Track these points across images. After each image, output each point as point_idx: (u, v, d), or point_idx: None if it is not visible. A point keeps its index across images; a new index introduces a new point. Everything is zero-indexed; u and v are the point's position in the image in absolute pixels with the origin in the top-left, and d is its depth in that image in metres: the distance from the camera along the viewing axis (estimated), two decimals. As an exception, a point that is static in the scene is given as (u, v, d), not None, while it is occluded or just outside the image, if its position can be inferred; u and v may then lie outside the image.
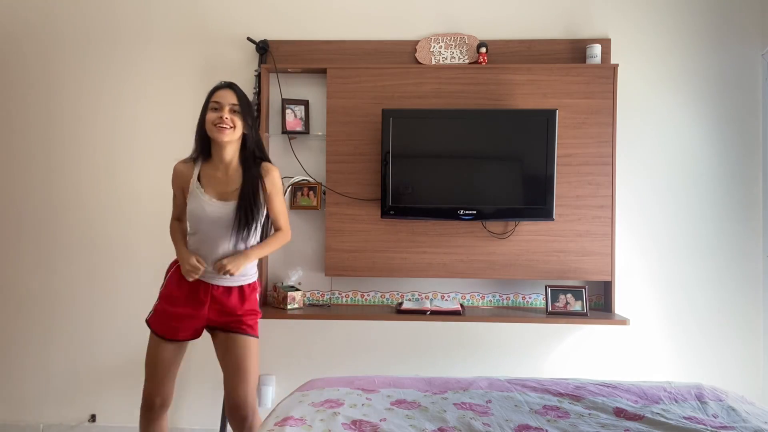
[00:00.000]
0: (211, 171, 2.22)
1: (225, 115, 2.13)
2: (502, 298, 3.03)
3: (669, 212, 3.00)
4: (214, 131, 2.14)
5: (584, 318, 2.80)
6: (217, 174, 2.21)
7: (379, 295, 3.06)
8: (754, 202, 2.98)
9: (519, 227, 2.88)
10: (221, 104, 2.14)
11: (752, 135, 2.98)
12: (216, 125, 2.13)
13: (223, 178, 2.21)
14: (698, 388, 1.99)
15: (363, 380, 2.05)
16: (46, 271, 3.10)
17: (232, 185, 2.20)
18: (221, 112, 2.13)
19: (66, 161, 3.10)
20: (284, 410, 1.77)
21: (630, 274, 3.00)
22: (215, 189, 2.20)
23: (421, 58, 2.98)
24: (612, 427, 1.69)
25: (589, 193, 2.86)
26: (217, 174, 2.21)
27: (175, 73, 3.08)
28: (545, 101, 2.86)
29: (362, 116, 2.91)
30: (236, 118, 2.15)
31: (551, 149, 2.75)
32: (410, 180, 2.82)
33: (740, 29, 2.98)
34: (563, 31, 3.01)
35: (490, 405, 1.85)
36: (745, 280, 2.98)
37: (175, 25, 3.08)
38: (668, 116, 2.99)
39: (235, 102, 2.16)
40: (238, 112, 2.16)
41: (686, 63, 2.99)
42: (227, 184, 2.20)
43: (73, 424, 3.08)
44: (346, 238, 2.92)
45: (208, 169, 2.22)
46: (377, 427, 1.63)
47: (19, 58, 3.12)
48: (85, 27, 3.10)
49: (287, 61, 3.00)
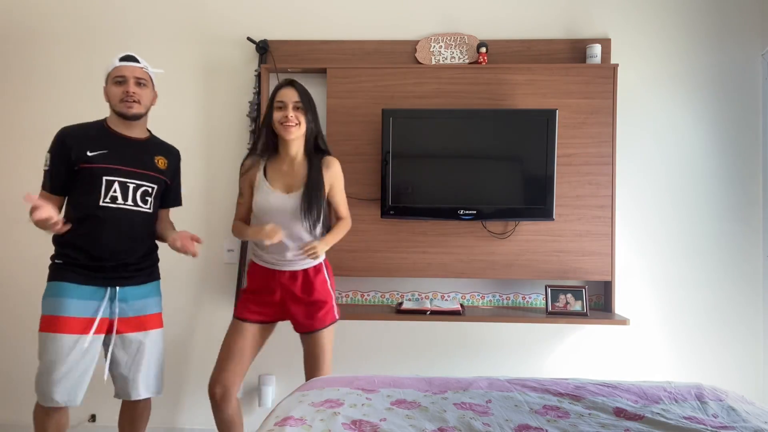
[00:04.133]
0: (277, 165, 2.36)
1: (290, 114, 2.25)
2: (502, 298, 3.03)
3: (669, 212, 3.00)
4: (281, 129, 2.28)
5: (584, 318, 2.80)
6: (283, 167, 2.35)
7: (379, 295, 3.06)
8: (754, 202, 2.98)
9: (519, 227, 2.88)
10: (285, 103, 2.27)
11: (752, 135, 2.98)
12: (282, 124, 2.26)
13: (289, 171, 2.34)
14: (698, 388, 1.98)
15: (363, 380, 2.05)
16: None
17: (297, 177, 2.32)
18: (286, 111, 2.25)
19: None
20: (284, 410, 1.76)
21: (630, 274, 3.00)
22: (281, 181, 2.33)
23: (421, 58, 2.98)
24: (612, 427, 1.69)
25: (589, 193, 2.86)
26: (283, 167, 2.35)
27: (175, 72, 3.08)
28: (545, 101, 2.86)
29: (362, 116, 2.91)
30: (300, 114, 2.28)
31: (551, 149, 2.75)
32: (410, 180, 2.82)
33: (740, 29, 2.98)
34: (563, 31, 3.01)
35: (490, 405, 1.85)
36: (745, 280, 2.98)
37: (175, 25, 3.08)
38: (668, 116, 3.00)
39: (297, 100, 2.28)
40: (301, 109, 2.28)
41: (686, 63, 2.99)
42: (292, 176, 2.33)
43: (73, 424, 3.07)
44: (346, 238, 2.91)
45: (274, 164, 2.36)
46: (377, 427, 1.63)
47: (19, 59, 3.12)
48: (85, 27, 3.10)
49: (287, 61, 3.00)
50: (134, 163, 2.26)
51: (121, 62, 2.26)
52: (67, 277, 2.21)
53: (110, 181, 2.20)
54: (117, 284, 2.25)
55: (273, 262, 2.36)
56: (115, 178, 2.21)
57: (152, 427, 3.01)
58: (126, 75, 2.24)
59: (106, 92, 2.29)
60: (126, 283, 2.27)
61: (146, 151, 2.33)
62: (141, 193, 2.27)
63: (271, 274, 2.36)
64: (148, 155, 2.32)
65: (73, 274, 2.21)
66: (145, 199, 2.29)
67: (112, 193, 2.21)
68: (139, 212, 2.27)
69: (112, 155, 2.23)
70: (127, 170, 2.24)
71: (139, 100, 2.25)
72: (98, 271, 2.22)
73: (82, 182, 2.21)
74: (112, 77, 2.26)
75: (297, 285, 2.36)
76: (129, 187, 2.24)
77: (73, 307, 2.17)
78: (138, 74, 2.27)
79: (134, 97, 2.23)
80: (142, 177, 2.28)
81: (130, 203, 2.24)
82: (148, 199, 2.30)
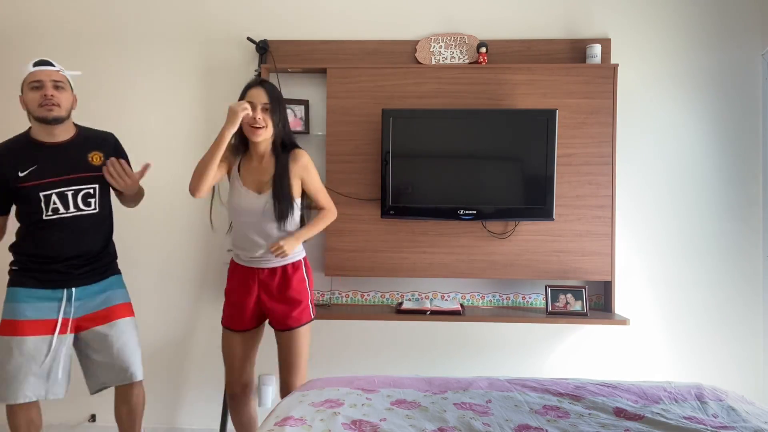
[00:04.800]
0: (248, 162, 2.37)
1: (258, 116, 2.24)
2: (502, 298, 3.03)
3: (669, 212, 3.00)
4: (248, 131, 2.28)
5: (584, 318, 2.80)
6: (252, 164, 2.36)
7: (379, 295, 3.06)
8: (754, 202, 2.98)
9: (519, 227, 2.88)
10: (254, 104, 2.25)
11: (752, 135, 2.98)
12: (250, 125, 2.26)
13: (259, 167, 2.35)
14: (698, 388, 1.99)
15: (363, 380, 2.05)
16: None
17: (266, 175, 2.33)
18: (254, 113, 2.24)
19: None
20: (284, 410, 1.77)
21: (630, 274, 3.00)
22: (252, 179, 2.34)
23: (421, 58, 2.98)
24: (612, 427, 1.69)
25: (589, 193, 2.86)
26: (252, 164, 2.36)
27: (175, 72, 3.08)
28: (545, 101, 2.86)
29: (362, 116, 2.91)
30: (267, 117, 2.27)
31: (551, 149, 2.75)
32: (410, 180, 2.82)
33: (740, 29, 2.98)
34: (563, 31, 3.01)
35: (490, 405, 1.85)
36: (745, 280, 2.98)
37: (175, 25, 3.08)
38: (668, 116, 3.00)
39: (266, 101, 2.27)
40: (269, 111, 2.27)
41: (686, 63, 2.99)
42: (262, 173, 2.34)
43: (73, 424, 3.08)
44: (346, 238, 2.92)
45: (246, 161, 2.37)
46: (377, 427, 1.63)
47: (19, 59, 3.11)
48: (85, 27, 3.09)
49: (287, 61, 3.00)
50: (67, 170, 2.24)
51: (35, 67, 2.23)
52: (24, 282, 2.25)
53: (47, 195, 2.21)
54: (73, 285, 2.28)
55: (248, 260, 2.37)
56: (51, 191, 2.21)
57: (152, 427, 3.02)
58: (42, 79, 2.21)
59: (22, 100, 2.26)
60: (81, 283, 2.30)
61: (77, 151, 2.30)
62: (82, 196, 2.27)
63: (250, 273, 2.37)
64: (80, 155, 2.30)
65: (30, 279, 2.25)
66: (88, 201, 2.29)
67: (53, 206, 2.22)
68: (84, 216, 2.28)
69: (42, 169, 2.22)
70: (62, 180, 2.23)
71: (58, 103, 2.22)
72: (52, 274, 2.25)
73: (22, 200, 2.24)
74: (27, 83, 2.23)
75: (275, 282, 2.36)
76: (68, 195, 2.24)
77: (31, 310, 2.22)
78: (55, 77, 2.24)
79: (53, 100, 2.20)
80: (78, 181, 2.26)
81: (73, 210, 2.25)
82: (91, 201, 2.30)
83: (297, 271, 2.40)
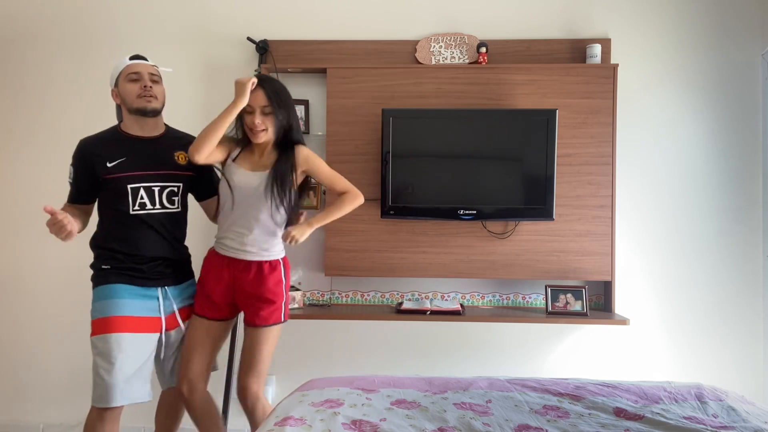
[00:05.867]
0: (247, 154, 2.30)
1: (257, 120, 2.19)
2: (502, 298, 3.03)
3: (669, 212, 3.00)
4: (250, 134, 2.23)
5: (584, 318, 2.80)
6: (254, 157, 2.30)
7: (379, 295, 3.06)
8: (754, 202, 2.98)
9: (519, 227, 2.88)
10: (254, 108, 2.20)
11: (752, 135, 2.98)
12: (251, 129, 2.21)
13: (260, 159, 2.29)
14: (698, 388, 1.99)
15: (363, 380, 2.05)
16: (46, 267, 3.10)
17: (266, 163, 2.27)
18: (254, 116, 2.19)
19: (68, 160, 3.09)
20: (284, 410, 1.77)
21: (630, 274, 3.00)
22: (248, 163, 2.27)
23: (421, 58, 2.98)
24: (612, 427, 1.69)
25: (589, 193, 2.86)
26: (254, 157, 2.30)
27: (175, 72, 3.06)
28: (545, 101, 2.86)
29: (362, 116, 2.91)
30: (268, 119, 2.21)
31: (551, 149, 2.75)
32: (410, 180, 2.82)
33: (740, 29, 2.98)
34: (563, 31, 3.01)
35: (490, 405, 1.85)
36: (745, 280, 2.98)
37: (176, 25, 3.08)
38: (668, 116, 3.00)
39: (265, 104, 2.19)
40: (270, 114, 2.21)
41: (686, 63, 2.99)
42: (262, 162, 2.28)
43: (73, 424, 3.07)
44: (346, 238, 2.92)
45: (245, 153, 2.31)
46: (377, 427, 1.64)
47: (20, 59, 3.12)
48: (85, 27, 3.09)
49: (287, 61, 3.00)
50: (155, 166, 2.25)
51: (132, 60, 2.27)
52: (118, 279, 2.21)
53: (135, 188, 2.21)
54: (164, 284, 2.28)
55: (225, 248, 2.29)
56: (139, 184, 2.21)
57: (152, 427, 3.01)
58: (140, 71, 2.24)
59: (117, 93, 2.27)
60: (168, 282, 2.29)
61: (165, 148, 2.31)
62: (167, 194, 2.27)
63: (225, 262, 2.29)
64: (168, 152, 2.31)
65: (124, 276, 2.21)
66: (172, 200, 2.29)
67: (140, 200, 2.22)
68: (167, 214, 2.28)
69: (131, 162, 2.22)
70: (149, 174, 2.24)
71: (156, 95, 2.26)
72: (143, 273, 2.23)
73: (110, 192, 2.22)
74: (125, 75, 2.24)
75: (248, 277, 2.27)
76: (154, 191, 2.24)
77: (130, 306, 2.18)
78: (151, 71, 2.28)
79: (152, 92, 2.24)
80: (165, 178, 2.27)
81: (158, 207, 2.25)
82: (174, 199, 2.30)
83: (274, 271, 2.30)
